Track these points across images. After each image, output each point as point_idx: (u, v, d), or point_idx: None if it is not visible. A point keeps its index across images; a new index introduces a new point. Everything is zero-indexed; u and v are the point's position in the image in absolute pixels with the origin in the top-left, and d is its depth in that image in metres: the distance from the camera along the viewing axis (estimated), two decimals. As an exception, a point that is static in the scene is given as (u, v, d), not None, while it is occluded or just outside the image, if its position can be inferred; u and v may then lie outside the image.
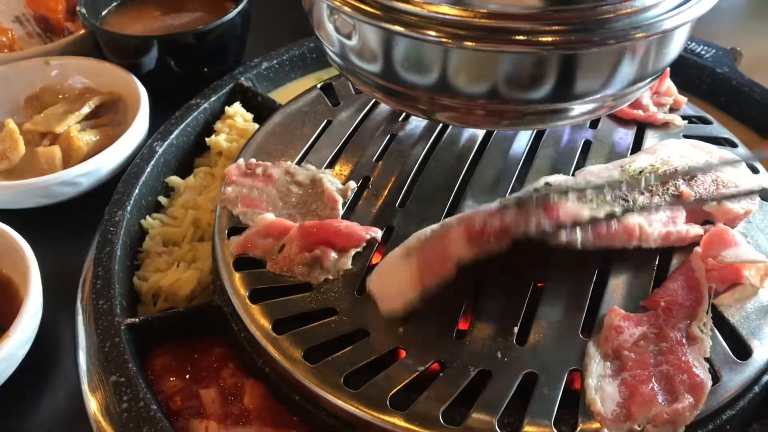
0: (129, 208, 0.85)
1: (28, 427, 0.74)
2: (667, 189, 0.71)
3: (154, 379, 0.71)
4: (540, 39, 0.54)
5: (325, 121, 0.92)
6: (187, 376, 0.72)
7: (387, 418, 0.60)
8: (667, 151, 0.79)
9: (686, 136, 0.87)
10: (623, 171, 0.75)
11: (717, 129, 0.90)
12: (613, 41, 0.55)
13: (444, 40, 0.55)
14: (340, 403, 0.62)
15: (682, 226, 0.71)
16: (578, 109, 0.64)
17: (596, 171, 0.76)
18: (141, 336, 0.73)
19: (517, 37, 0.54)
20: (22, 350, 0.74)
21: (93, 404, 0.71)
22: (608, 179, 0.72)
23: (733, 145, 0.87)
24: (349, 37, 0.62)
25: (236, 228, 0.77)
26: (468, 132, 0.88)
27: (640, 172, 0.73)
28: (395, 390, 0.62)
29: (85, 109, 1.01)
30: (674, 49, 0.62)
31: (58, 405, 0.75)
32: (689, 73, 1.04)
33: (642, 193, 0.69)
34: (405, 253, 0.66)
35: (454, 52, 0.57)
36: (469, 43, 0.55)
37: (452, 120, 0.66)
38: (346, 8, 0.58)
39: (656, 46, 0.60)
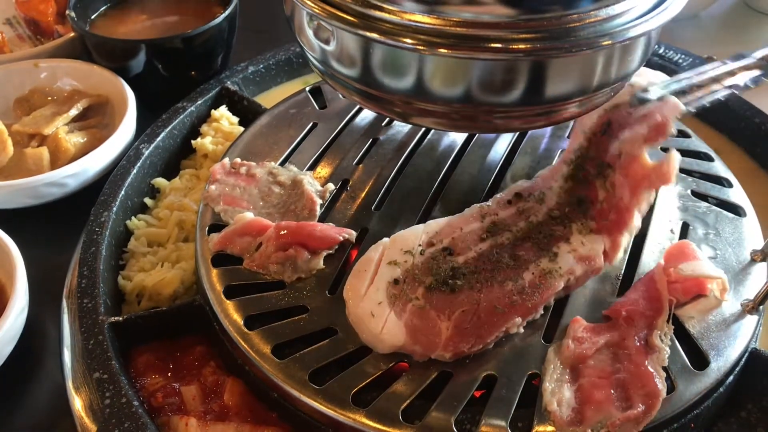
0: (115, 209, 0.86)
1: (13, 422, 0.75)
2: None
3: (136, 377, 0.73)
4: (512, 47, 0.55)
5: (311, 123, 0.94)
6: (169, 374, 0.73)
7: (348, 414, 0.62)
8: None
9: (663, 150, 0.89)
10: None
11: (695, 143, 0.92)
12: (582, 48, 0.57)
13: (419, 47, 0.56)
14: (304, 398, 0.64)
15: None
16: (549, 112, 0.66)
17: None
18: (124, 334, 0.74)
19: (490, 45, 0.56)
20: (8, 347, 0.76)
21: (77, 401, 0.73)
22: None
23: (710, 159, 0.89)
24: (327, 42, 0.63)
25: (217, 225, 0.79)
26: (448, 138, 0.89)
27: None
28: (358, 387, 0.64)
29: (73, 111, 1.03)
30: (641, 54, 0.64)
31: (43, 401, 0.77)
32: (666, 81, 1.06)
33: None
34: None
35: (428, 59, 0.59)
36: (443, 50, 0.56)
37: (428, 123, 0.67)
38: (325, 15, 0.59)
39: (623, 52, 0.62)
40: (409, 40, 0.56)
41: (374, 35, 0.58)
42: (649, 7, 0.60)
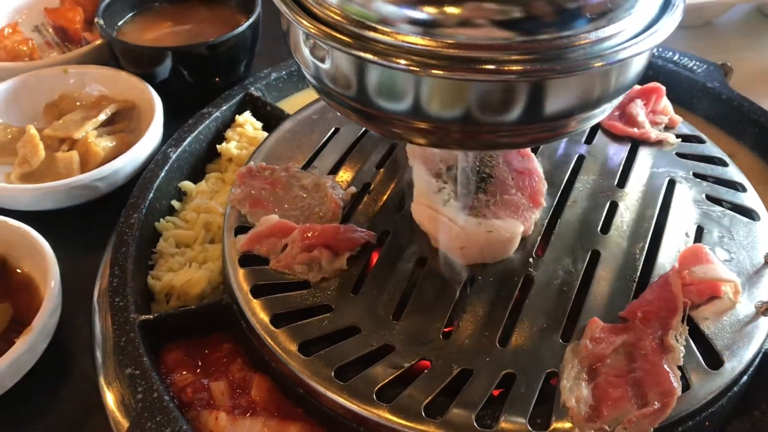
0: (144, 211, 0.88)
1: (47, 417, 0.78)
2: None
3: (166, 373, 0.75)
4: (505, 68, 0.55)
5: (333, 128, 0.96)
6: (198, 370, 0.75)
7: (373, 409, 0.64)
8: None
9: (679, 155, 0.91)
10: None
11: (709, 148, 0.93)
12: (573, 70, 0.57)
13: (412, 68, 0.56)
14: (329, 394, 0.66)
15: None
16: (550, 129, 0.65)
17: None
18: (154, 332, 0.77)
19: (484, 66, 0.55)
20: (43, 344, 0.78)
21: (109, 396, 0.75)
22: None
23: (725, 164, 0.91)
24: (323, 61, 0.63)
25: (243, 227, 0.82)
26: (466, 143, 0.92)
27: None
28: (382, 384, 0.66)
29: (102, 116, 1.05)
30: (633, 74, 0.65)
31: (76, 396, 0.79)
32: (681, 88, 1.07)
33: None
34: None
35: (423, 80, 0.58)
36: (436, 72, 0.56)
37: (429, 144, 0.67)
38: (321, 35, 0.59)
39: (616, 72, 0.62)
40: (403, 61, 0.56)
41: (368, 55, 0.57)
42: (640, 29, 0.60)
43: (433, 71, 0.56)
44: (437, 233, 0.75)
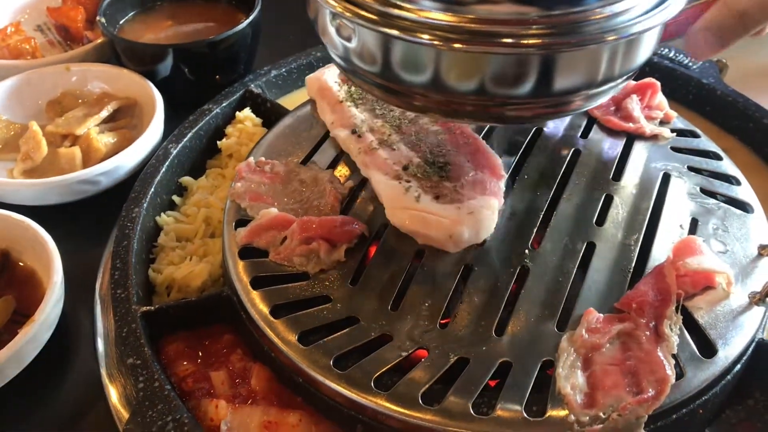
0: (145, 205, 0.89)
1: (49, 406, 0.79)
2: None
3: (167, 363, 0.76)
4: (523, 42, 0.58)
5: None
6: (199, 361, 0.76)
7: (370, 397, 0.65)
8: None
9: (674, 149, 0.92)
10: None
11: (704, 142, 0.94)
12: (588, 43, 0.60)
13: (435, 42, 0.59)
14: (328, 382, 0.67)
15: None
16: (557, 104, 0.68)
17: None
18: (156, 323, 0.78)
19: (502, 40, 0.58)
20: (46, 335, 0.79)
21: (111, 386, 0.77)
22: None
23: (719, 158, 0.92)
24: (349, 40, 0.66)
25: (243, 220, 0.83)
26: (464, 136, 0.93)
27: None
28: (379, 372, 0.67)
29: (104, 113, 1.07)
30: (643, 52, 0.67)
31: (78, 386, 0.81)
32: (677, 83, 1.09)
33: None
34: None
35: (444, 53, 0.61)
36: (458, 45, 0.59)
37: (444, 116, 0.70)
38: (347, 14, 0.62)
39: (626, 47, 0.64)
40: (426, 36, 0.59)
41: (394, 32, 0.60)
42: (652, 4, 0.63)
43: (455, 45, 0.59)
44: (422, 230, 0.76)
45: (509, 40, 0.58)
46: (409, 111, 0.79)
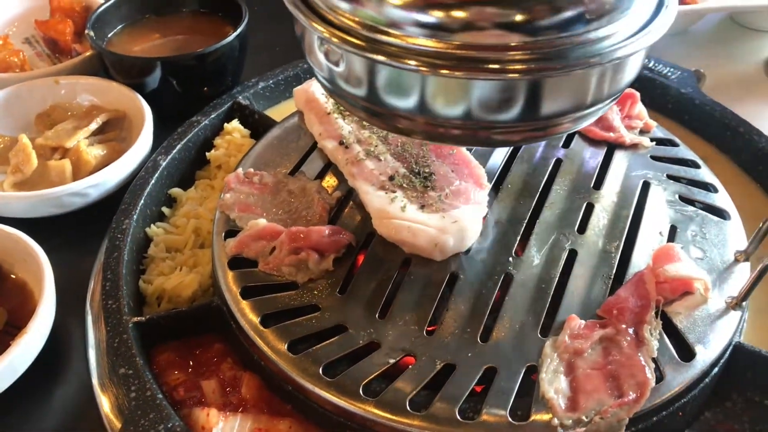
0: (135, 217, 0.90)
1: (41, 418, 0.79)
2: None
3: (158, 373, 0.77)
4: (509, 67, 0.59)
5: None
6: (190, 370, 0.78)
7: (359, 404, 0.67)
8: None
9: (653, 157, 0.94)
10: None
11: (683, 151, 0.97)
12: (573, 68, 0.61)
13: (422, 68, 0.60)
14: (317, 390, 0.68)
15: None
16: (545, 127, 0.69)
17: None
18: (147, 333, 0.79)
19: (488, 66, 0.59)
20: (38, 346, 0.80)
21: (103, 396, 0.77)
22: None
23: (697, 166, 0.94)
24: (336, 64, 0.67)
25: (232, 231, 0.84)
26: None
27: None
28: (367, 380, 0.68)
29: (93, 126, 1.07)
30: (628, 74, 0.68)
31: (70, 396, 0.81)
32: (656, 93, 1.11)
33: None
34: None
35: (431, 79, 0.62)
36: (444, 71, 0.60)
37: (430, 139, 0.71)
38: (334, 39, 0.63)
39: (611, 72, 0.66)
40: (413, 62, 0.60)
41: (381, 57, 0.61)
42: (635, 29, 0.64)
43: (441, 71, 0.60)
44: (408, 240, 0.78)
45: (495, 66, 0.59)
46: (395, 134, 0.80)
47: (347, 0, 0.63)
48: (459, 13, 0.59)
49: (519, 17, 0.59)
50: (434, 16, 0.59)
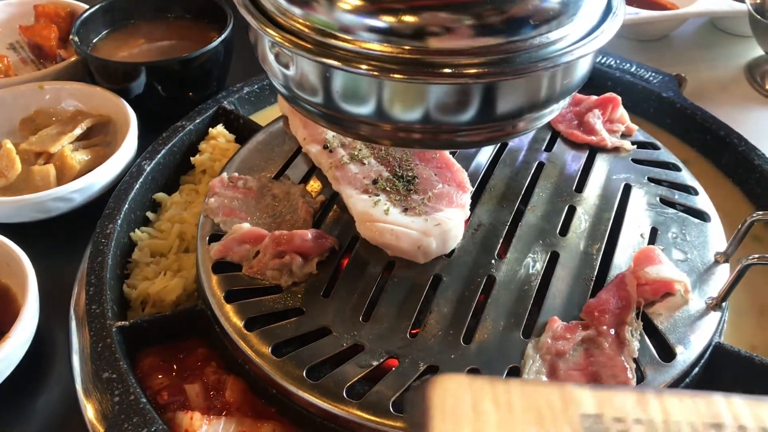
0: (119, 221, 0.90)
1: (24, 423, 0.79)
2: None
3: (142, 377, 0.77)
4: (461, 71, 0.59)
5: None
6: (173, 374, 0.78)
7: (342, 406, 0.67)
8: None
9: (634, 161, 0.95)
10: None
11: (664, 154, 0.98)
12: (522, 72, 0.61)
13: (373, 72, 0.60)
14: (301, 393, 0.69)
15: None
16: (502, 128, 0.69)
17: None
18: (131, 338, 0.79)
19: (441, 71, 0.59)
20: (21, 351, 0.80)
21: (86, 400, 0.77)
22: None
23: (678, 169, 0.95)
24: (288, 68, 0.67)
25: (217, 235, 0.84)
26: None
27: None
28: (351, 382, 0.69)
29: (78, 131, 1.07)
30: (579, 75, 0.69)
31: (54, 402, 0.81)
32: (638, 97, 1.12)
33: None
34: None
35: (384, 84, 0.62)
36: (396, 76, 0.60)
37: (393, 144, 0.71)
38: (285, 43, 0.63)
39: (562, 74, 0.66)
40: (364, 66, 0.60)
41: (331, 61, 0.61)
42: (583, 33, 0.65)
43: (393, 75, 0.60)
44: (391, 243, 0.78)
45: (447, 71, 0.59)
46: (358, 141, 0.80)
47: (299, 4, 0.63)
48: (409, 18, 0.59)
49: (469, 22, 0.59)
50: (385, 21, 0.60)
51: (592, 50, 0.63)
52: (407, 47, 0.60)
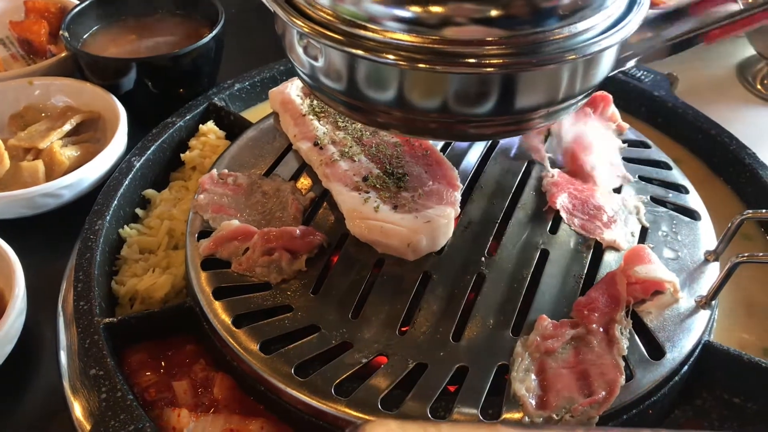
0: (108, 218, 0.90)
1: (11, 419, 0.79)
2: None
3: (130, 374, 0.77)
4: (485, 62, 0.60)
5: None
6: (161, 371, 0.77)
7: (331, 404, 0.67)
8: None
9: (626, 159, 0.95)
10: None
11: (655, 153, 0.98)
12: (548, 63, 0.62)
13: (400, 62, 0.61)
14: (289, 390, 0.68)
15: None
16: (519, 122, 0.71)
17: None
18: (118, 334, 0.78)
19: (465, 60, 0.61)
20: (8, 347, 0.80)
21: (73, 397, 0.77)
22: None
23: (669, 168, 0.95)
24: (316, 59, 0.68)
25: (206, 232, 0.84)
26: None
27: None
28: (339, 379, 0.69)
29: (67, 127, 1.06)
30: (601, 71, 0.69)
31: (41, 399, 0.80)
32: (629, 96, 1.12)
33: None
34: None
35: (409, 73, 0.63)
36: (422, 65, 0.61)
37: (407, 132, 0.73)
38: (314, 34, 0.64)
39: (585, 66, 0.67)
40: (391, 56, 0.61)
41: (359, 52, 0.62)
42: (609, 24, 0.65)
43: (419, 65, 0.61)
44: (381, 240, 0.78)
45: (472, 60, 0.60)
46: (373, 127, 0.81)
47: None
48: (436, 9, 0.60)
49: (495, 12, 0.60)
50: (412, 11, 0.61)
51: (618, 41, 0.63)
52: (434, 37, 0.61)
